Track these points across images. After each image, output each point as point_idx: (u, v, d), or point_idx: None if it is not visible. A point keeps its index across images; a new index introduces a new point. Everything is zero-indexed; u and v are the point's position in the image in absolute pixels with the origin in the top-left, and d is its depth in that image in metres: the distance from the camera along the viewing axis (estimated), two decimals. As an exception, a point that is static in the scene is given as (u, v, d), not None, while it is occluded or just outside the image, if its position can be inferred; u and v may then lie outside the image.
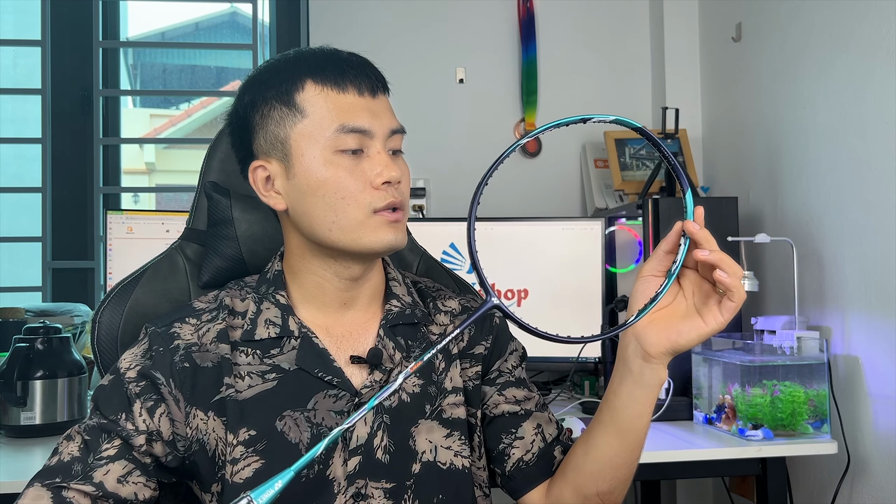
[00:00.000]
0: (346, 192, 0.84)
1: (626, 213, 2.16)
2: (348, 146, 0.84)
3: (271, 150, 0.87)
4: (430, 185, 2.41)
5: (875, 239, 1.65)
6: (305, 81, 0.85)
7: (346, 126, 0.84)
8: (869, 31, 1.66)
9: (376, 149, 0.85)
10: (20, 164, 2.69)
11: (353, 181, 0.84)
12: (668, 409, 1.77)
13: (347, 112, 0.84)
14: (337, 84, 0.85)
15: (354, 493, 0.84)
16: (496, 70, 2.49)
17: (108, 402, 0.84)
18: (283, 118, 0.86)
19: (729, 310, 0.77)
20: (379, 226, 0.85)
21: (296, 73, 0.86)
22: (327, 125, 0.84)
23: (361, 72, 0.87)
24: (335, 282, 0.90)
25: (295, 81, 0.86)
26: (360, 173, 0.84)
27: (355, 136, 0.84)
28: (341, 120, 0.84)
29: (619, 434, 0.85)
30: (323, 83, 0.85)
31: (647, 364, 0.81)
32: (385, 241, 0.85)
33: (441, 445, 0.89)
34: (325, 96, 0.85)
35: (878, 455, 1.65)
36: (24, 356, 1.65)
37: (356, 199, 0.84)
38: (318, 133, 0.84)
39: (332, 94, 0.85)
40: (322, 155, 0.84)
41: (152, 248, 1.16)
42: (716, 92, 2.37)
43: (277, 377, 0.87)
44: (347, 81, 0.85)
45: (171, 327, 0.88)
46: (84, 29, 2.39)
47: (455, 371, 0.94)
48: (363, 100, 0.86)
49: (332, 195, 0.84)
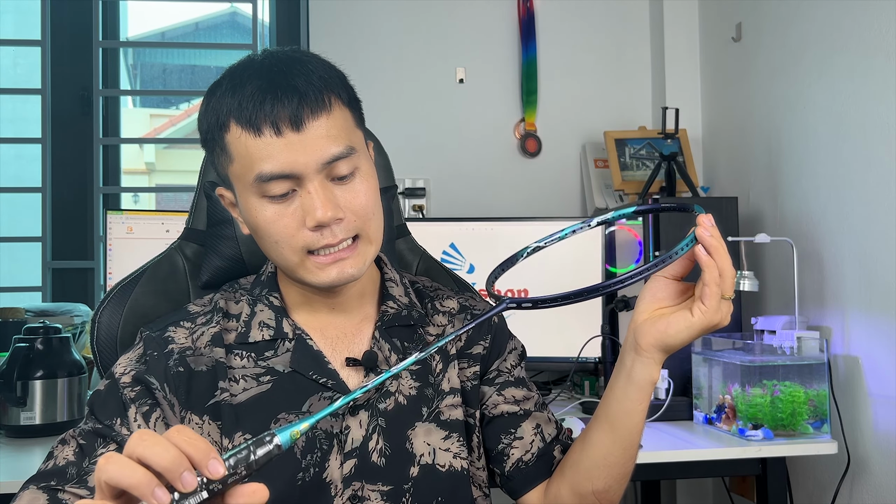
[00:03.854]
0: (277, 236, 0.81)
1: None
2: (273, 192, 0.79)
3: (224, 181, 0.86)
4: (430, 185, 2.41)
5: (875, 239, 1.65)
6: (230, 120, 0.79)
7: (262, 175, 0.78)
8: (868, 31, 1.66)
9: (307, 188, 0.79)
10: (20, 164, 2.69)
11: (283, 226, 0.80)
12: (668, 409, 1.77)
13: (264, 158, 0.78)
14: (251, 125, 0.78)
15: (351, 495, 0.84)
16: (496, 70, 2.49)
17: (104, 407, 0.84)
18: (220, 156, 0.83)
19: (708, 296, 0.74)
20: (314, 268, 0.82)
21: (221, 110, 0.80)
22: (248, 172, 0.79)
23: (277, 103, 0.77)
24: (316, 291, 0.89)
25: (221, 119, 0.80)
26: (290, 216, 0.80)
27: (277, 182, 0.79)
28: (258, 168, 0.78)
29: (612, 430, 0.85)
30: (241, 124, 0.78)
31: (638, 358, 0.80)
32: (326, 280, 0.83)
33: (440, 448, 0.89)
34: (243, 140, 0.79)
35: (878, 455, 1.65)
36: (23, 356, 1.65)
37: (288, 244, 0.81)
38: (245, 178, 0.80)
39: (249, 138, 0.78)
40: (252, 200, 0.81)
41: (152, 248, 1.16)
42: (716, 92, 2.37)
43: (272, 380, 0.87)
44: (261, 121, 0.77)
45: (166, 331, 0.88)
46: (84, 29, 2.39)
47: (453, 372, 0.94)
48: (281, 140, 0.77)
49: (267, 238, 0.82)
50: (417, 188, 2.39)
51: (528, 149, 2.47)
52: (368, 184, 0.84)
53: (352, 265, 0.83)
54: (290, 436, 0.58)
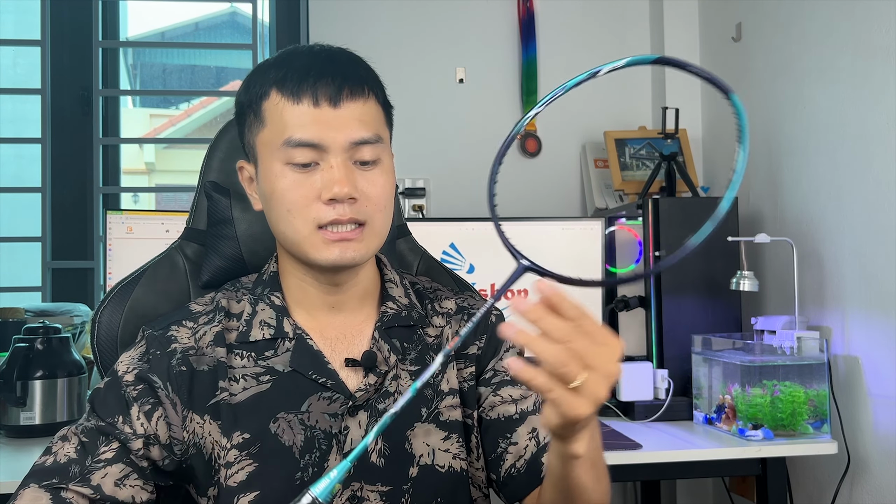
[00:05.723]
0: (291, 205, 0.83)
1: (626, 213, 2.16)
2: (296, 160, 0.83)
3: (249, 152, 0.90)
4: (430, 185, 2.41)
5: (875, 239, 1.65)
6: (271, 89, 0.85)
7: (291, 140, 0.82)
8: (869, 31, 1.66)
9: (330, 162, 0.83)
10: (20, 164, 2.69)
11: (300, 195, 0.83)
12: (668, 409, 1.77)
13: (296, 125, 0.82)
14: (293, 94, 0.83)
15: (350, 495, 0.84)
16: (496, 70, 2.49)
17: (105, 405, 0.84)
18: (252, 124, 0.87)
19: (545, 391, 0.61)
20: (320, 243, 0.84)
21: (265, 80, 0.86)
22: (278, 137, 0.83)
23: (322, 79, 0.83)
24: (317, 286, 0.90)
25: (263, 87, 0.85)
26: (309, 186, 0.83)
27: (303, 150, 0.82)
28: (289, 133, 0.83)
29: (552, 488, 0.80)
30: (282, 92, 0.84)
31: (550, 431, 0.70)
32: (329, 258, 0.84)
33: (439, 448, 0.89)
34: (281, 107, 0.84)
35: (878, 455, 1.65)
36: (23, 356, 1.65)
37: (301, 213, 0.83)
38: (274, 143, 0.84)
39: (287, 105, 0.83)
40: (275, 166, 0.84)
41: (152, 248, 1.16)
42: (716, 92, 2.36)
43: (271, 379, 0.87)
44: (303, 91, 0.82)
45: (169, 330, 0.88)
46: (84, 29, 2.39)
47: (452, 372, 0.93)
48: (317, 111, 0.82)
49: (280, 207, 0.84)
50: (417, 188, 2.39)
51: (528, 149, 2.47)
52: (386, 178, 0.87)
53: (354, 249, 0.84)
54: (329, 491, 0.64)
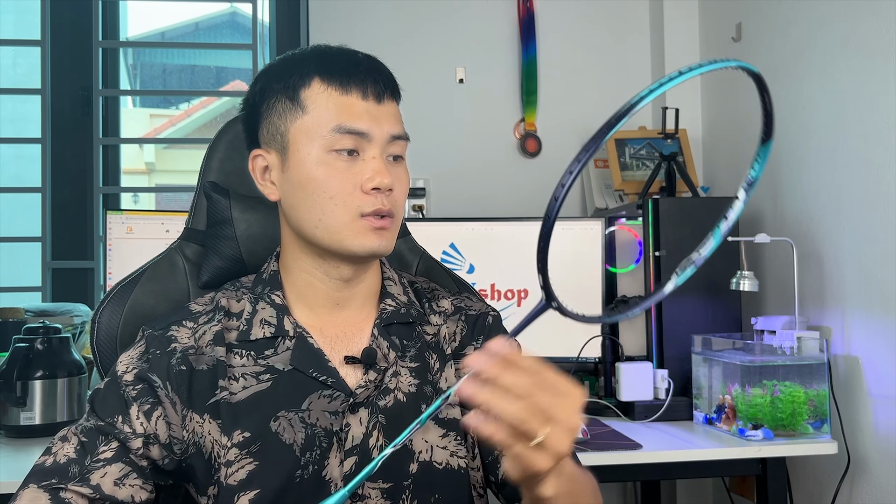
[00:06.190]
0: (334, 192, 0.85)
1: (626, 213, 2.16)
2: (343, 146, 0.85)
3: (272, 140, 0.89)
4: (430, 185, 2.41)
5: (875, 239, 1.65)
6: (313, 78, 0.87)
7: (342, 126, 0.85)
8: (869, 31, 1.66)
9: (372, 153, 0.86)
10: (20, 164, 2.69)
11: (343, 182, 0.85)
12: (668, 409, 1.77)
13: (347, 113, 0.85)
14: (342, 84, 0.86)
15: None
16: (496, 70, 2.49)
17: (105, 405, 0.84)
18: (285, 111, 0.87)
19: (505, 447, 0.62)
20: (362, 230, 0.85)
21: (305, 69, 0.87)
22: (325, 123, 0.85)
23: (370, 76, 0.87)
24: (326, 281, 0.90)
25: (303, 77, 0.87)
26: (351, 175, 0.85)
27: (351, 138, 0.85)
28: (340, 120, 0.85)
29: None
30: (329, 82, 0.86)
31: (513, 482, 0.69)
32: (368, 246, 0.86)
33: (437, 445, 0.89)
34: (328, 95, 0.86)
35: (878, 455, 1.65)
36: (23, 356, 1.65)
37: (343, 201, 0.85)
38: (316, 130, 0.85)
39: (335, 93, 0.86)
40: (317, 153, 0.85)
41: (152, 248, 1.16)
42: (716, 92, 2.37)
43: (272, 378, 0.87)
44: (352, 83, 0.86)
45: (168, 330, 0.88)
46: (84, 29, 2.39)
47: (450, 371, 0.94)
48: (365, 103, 0.86)
49: (321, 194, 0.85)
50: (417, 188, 2.39)
51: (528, 149, 2.47)
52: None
53: (388, 239, 0.87)
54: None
